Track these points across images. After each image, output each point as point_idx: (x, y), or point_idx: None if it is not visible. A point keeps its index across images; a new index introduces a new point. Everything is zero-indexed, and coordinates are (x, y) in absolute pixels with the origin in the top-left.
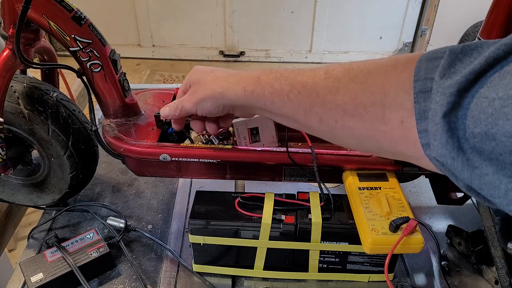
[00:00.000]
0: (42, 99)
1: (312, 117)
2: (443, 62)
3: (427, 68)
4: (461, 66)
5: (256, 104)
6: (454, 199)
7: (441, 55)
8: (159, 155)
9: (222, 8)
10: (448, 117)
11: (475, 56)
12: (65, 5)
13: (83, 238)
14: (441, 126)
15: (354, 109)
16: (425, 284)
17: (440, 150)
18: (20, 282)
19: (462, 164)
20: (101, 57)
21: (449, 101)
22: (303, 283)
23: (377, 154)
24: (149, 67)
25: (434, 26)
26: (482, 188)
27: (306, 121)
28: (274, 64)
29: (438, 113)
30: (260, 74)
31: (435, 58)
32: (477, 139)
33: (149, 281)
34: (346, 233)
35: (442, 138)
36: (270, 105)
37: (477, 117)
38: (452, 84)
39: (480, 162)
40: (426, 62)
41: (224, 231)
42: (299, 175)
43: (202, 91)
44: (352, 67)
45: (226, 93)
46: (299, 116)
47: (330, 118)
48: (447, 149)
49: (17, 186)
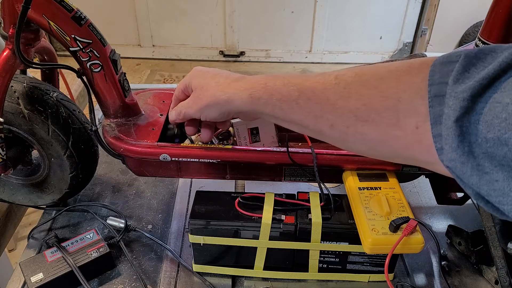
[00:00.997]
0: (42, 99)
1: (322, 123)
2: (458, 67)
3: (441, 72)
4: (475, 71)
5: (263, 111)
6: (454, 199)
7: (456, 59)
8: (159, 155)
9: (222, 8)
10: (460, 122)
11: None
12: (65, 5)
13: (83, 238)
14: (452, 130)
15: (367, 115)
16: (425, 284)
17: (450, 154)
18: (20, 282)
19: (471, 169)
20: (101, 57)
21: (462, 106)
22: (303, 283)
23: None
24: (149, 67)
25: (434, 26)
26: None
27: (316, 127)
28: (274, 64)
29: (451, 118)
30: (267, 80)
31: (449, 62)
32: (489, 144)
33: (149, 281)
34: (346, 233)
35: (453, 142)
36: (278, 111)
37: (490, 122)
38: (465, 89)
39: (491, 168)
40: (440, 66)
41: (224, 231)
42: (299, 175)
43: (205, 98)
44: (363, 72)
45: (231, 100)
46: (308, 122)
47: (342, 124)
48: (457, 154)
49: (17, 186)
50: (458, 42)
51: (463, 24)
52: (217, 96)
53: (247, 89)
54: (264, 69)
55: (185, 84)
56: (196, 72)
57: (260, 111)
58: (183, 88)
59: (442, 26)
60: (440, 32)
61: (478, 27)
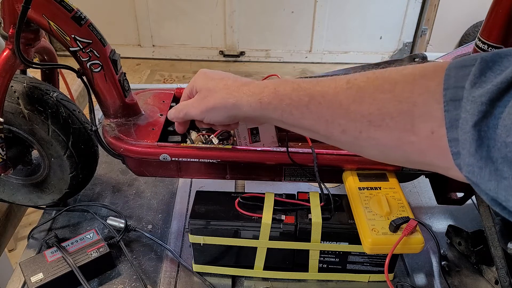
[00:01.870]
0: (42, 99)
1: (334, 128)
2: (474, 71)
3: (456, 76)
4: (491, 75)
5: (272, 116)
6: (454, 199)
7: (472, 63)
8: (159, 155)
9: (222, 8)
10: (478, 126)
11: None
12: (65, 5)
13: (83, 238)
14: (470, 135)
15: (381, 119)
16: (425, 284)
17: (467, 159)
18: (20, 282)
19: (489, 174)
20: (101, 57)
21: (480, 110)
22: (303, 283)
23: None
24: (149, 67)
25: (434, 26)
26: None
27: (327, 132)
28: (274, 64)
29: (469, 122)
30: (276, 85)
31: (465, 66)
32: (509, 149)
33: (149, 281)
34: (346, 233)
35: (471, 147)
36: (288, 116)
37: (509, 127)
38: (483, 93)
39: (509, 172)
40: (455, 70)
41: (224, 231)
42: (299, 175)
43: (212, 99)
44: (376, 76)
45: (239, 104)
46: (319, 127)
47: (354, 129)
48: (475, 158)
49: (17, 186)
50: (458, 42)
51: (463, 24)
52: (225, 99)
53: (256, 93)
54: (264, 69)
55: (190, 87)
56: (202, 74)
57: (269, 116)
58: (189, 91)
59: (442, 26)
60: (440, 32)
61: (478, 27)
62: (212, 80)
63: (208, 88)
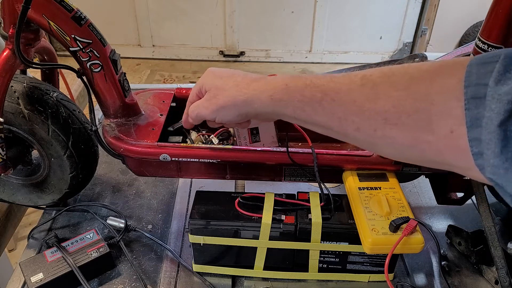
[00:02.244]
0: (42, 99)
1: (348, 125)
2: (498, 67)
3: (478, 73)
4: None
5: (285, 112)
6: (454, 199)
7: (495, 60)
8: (159, 155)
9: (222, 8)
10: (504, 126)
11: None
12: (65, 5)
13: (83, 238)
14: (496, 134)
15: (397, 118)
16: (425, 284)
17: (492, 160)
18: (20, 282)
19: None
20: (101, 57)
21: (506, 109)
22: (303, 283)
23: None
24: (149, 67)
25: (434, 26)
26: None
27: (341, 129)
28: (274, 64)
29: (494, 121)
30: (287, 81)
31: (487, 63)
32: None
33: (149, 281)
34: (346, 233)
35: (496, 147)
36: (300, 113)
37: None
38: (509, 91)
39: None
40: (477, 67)
41: (224, 231)
42: (299, 175)
43: (222, 98)
44: (392, 72)
45: (251, 101)
46: (332, 124)
47: (369, 127)
48: (500, 160)
49: (17, 186)
50: (458, 42)
51: (463, 24)
52: (235, 96)
53: (268, 90)
54: (264, 69)
55: (199, 87)
56: (210, 72)
57: (281, 112)
58: (197, 91)
59: (442, 26)
60: (440, 32)
61: (478, 27)
62: (221, 78)
63: (217, 86)
